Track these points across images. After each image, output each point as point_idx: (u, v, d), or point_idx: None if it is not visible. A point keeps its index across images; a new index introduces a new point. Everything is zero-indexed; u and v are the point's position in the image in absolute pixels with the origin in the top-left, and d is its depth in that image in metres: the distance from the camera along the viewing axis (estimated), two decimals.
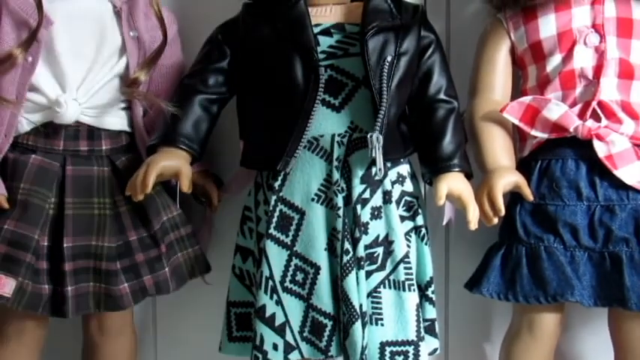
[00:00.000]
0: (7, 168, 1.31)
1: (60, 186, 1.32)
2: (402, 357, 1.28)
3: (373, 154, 1.22)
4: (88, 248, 1.32)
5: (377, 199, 1.28)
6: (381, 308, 1.28)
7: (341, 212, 1.26)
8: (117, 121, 1.37)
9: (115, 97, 1.36)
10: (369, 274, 1.28)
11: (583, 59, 1.30)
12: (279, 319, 1.27)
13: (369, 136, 1.22)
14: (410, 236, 1.31)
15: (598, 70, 1.29)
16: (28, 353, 1.36)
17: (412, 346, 1.28)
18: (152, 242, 1.36)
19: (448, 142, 1.30)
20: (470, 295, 1.37)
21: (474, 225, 1.26)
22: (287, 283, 1.28)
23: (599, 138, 1.28)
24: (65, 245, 1.30)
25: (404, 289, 1.28)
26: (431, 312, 1.34)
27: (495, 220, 1.31)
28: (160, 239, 1.36)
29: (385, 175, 1.28)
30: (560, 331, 1.37)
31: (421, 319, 1.29)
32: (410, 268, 1.28)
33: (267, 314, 1.27)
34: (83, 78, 1.32)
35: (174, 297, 1.44)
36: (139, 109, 1.37)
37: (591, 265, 1.30)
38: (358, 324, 1.24)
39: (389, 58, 1.26)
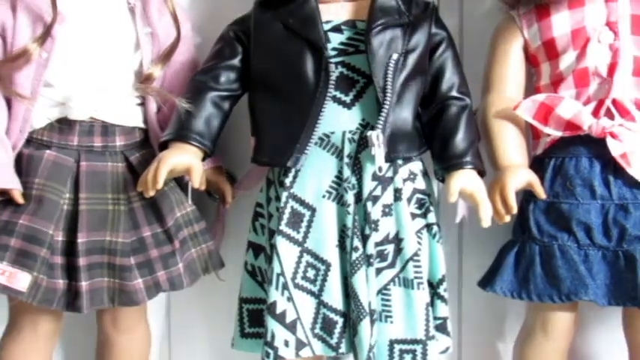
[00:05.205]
0: (22, 163, 1.32)
1: (74, 181, 1.33)
2: (410, 355, 1.28)
3: (373, 152, 1.23)
4: (102, 243, 1.32)
5: (388, 197, 1.28)
6: (390, 306, 1.28)
7: (351, 209, 1.26)
8: (131, 117, 1.37)
9: (129, 93, 1.37)
10: (379, 271, 1.28)
11: (597, 57, 1.29)
12: (291, 316, 1.27)
13: (368, 134, 1.23)
14: (421, 234, 1.31)
15: (612, 67, 1.28)
16: (43, 348, 1.37)
17: (420, 345, 1.27)
18: (166, 238, 1.37)
19: (460, 140, 1.29)
20: (483, 293, 1.37)
21: (486, 223, 1.26)
22: (298, 280, 1.28)
23: (613, 136, 1.27)
24: (79, 240, 1.31)
25: (413, 288, 1.28)
26: (443, 310, 1.34)
27: (507, 218, 1.30)
28: (174, 235, 1.36)
29: (396, 173, 1.28)
30: (573, 330, 1.36)
31: (431, 318, 1.29)
32: (419, 267, 1.28)
33: (279, 310, 1.27)
34: (97, 74, 1.33)
35: (188, 293, 1.44)
36: (152, 105, 1.38)
37: (605, 264, 1.29)
38: (366, 321, 1.24)
39: (395, 56, 1.26)
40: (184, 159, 1.26)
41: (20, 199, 1.29)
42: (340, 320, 1.28)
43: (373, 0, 1.28)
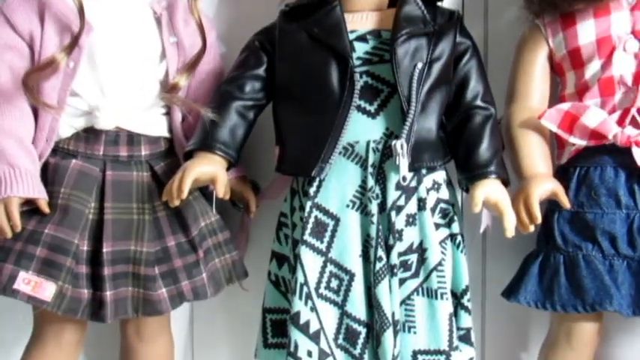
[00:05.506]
0: (48, 173, 1.33)
1: (100, 191, 1.34)
2: None
3: (397, 162, 1.23)
4: (127, 253, 1.33)
5: (412, 206, 1.28)
6: (414, 316, 1.28)
7: (375, 219, 1.26)
8: (156, 126, 1.38)
9: (155, 102, 1.37)
10: (402, 281, 1.28)
11: (622, 66, 1.29)
12: (314, 326, 1.27)
13: (392, 143, 1.23)
14: (445, 244, 1.31)
15: (637, 76, 1.28)
16: (67, 357, 1.37)
17: (444, 356, 1.27)
18: (190, 248, 1.37)
19: (485, 149, 1.29)
20: (507, 304, 1.36)
21: (510, 232, 1.26)
22: (322, 290, 1.28)
23: (639, 145, 1.26)
24: (104, 250, 1.31)
25: (436, 298, 1.28)
26: (466, 320, 1.33)
27: (532, 228, 1.30)
28: (198, 245, 1.37)
29: (420, 182, 1.28)
30: (598, 340, 1.36)
31: (454, 329, 1.29)
32: (443, 277, 1.28)
33: (302, 321, 1.27)
34: (123, 83, 1.34)
35: (211, 302, 1.45)
36: (177, 114, 1.39)
37: (630, 274, 1.28)
38: (390, 332, 1.24)
39: (419, 65, 1.26)
40: (209, 168, 1.27)
41: (46, 209, 1.30)
42: (363, 330, 1.28)
43: (398, 9, 1.28)
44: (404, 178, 1.25)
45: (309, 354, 1.27)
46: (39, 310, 1.33)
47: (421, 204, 1.28)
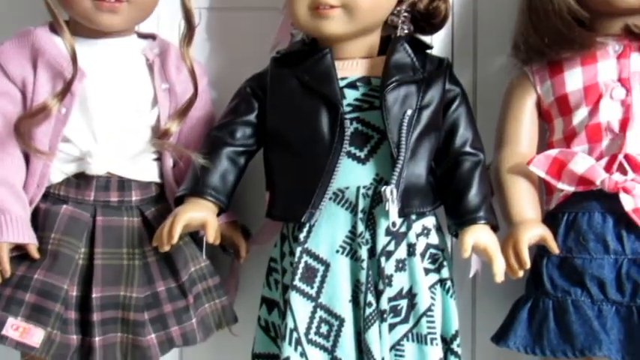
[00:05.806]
0: (39, 218, 1.33)
1: (90, 236, 1.33)
2: None
3: (387, 208, 1.24)
4: (117, 298, 1.32)
5: (401, 252, 1.28)
6: None
7: (365, 264, 1.26)
8: (147, 172, 1.39)
9: (146, 148, 1.38)
10: (392, 326, 1.28)
11: (609, 113, 1.30)
12: None
13: (382, 189, 1.24)
14: (435, 289, 1.31)
15: (624, 123, 1.29)
16: None
17: None
18: (180, 293, 1.37)
19: (474, 195, 1.30)
20: (497, 349, 1.36)
21: (499, 278, 1.26)
22: (312, 335, 1.27)
23: (626, 191, 1.27)
24: (94, 295, 1.31)
25: (426, 343, 1.27)
26: None
27: (521, 274, 1.30)
28: (188, 290, 1.37)
29: (410, 228, 1.28)
30: None
31: None
32: (433, 322, 1.28)
33: None
34: (115, 129, 1.34)
35: (201, 348, 1.44)
36: (169, 160, 1.39)
37: (619, 319, 1.29)
38: None
39: (409, 112, 1.27)
40: (200, 214, 1.27)
41: (36, 254, 1.29)
42: None
43: (388, 57, 1.29)
44: (393, 224, 1.25)
45: None
46: (28, 357, 1.31)
47: (411, 249, 1.28)
